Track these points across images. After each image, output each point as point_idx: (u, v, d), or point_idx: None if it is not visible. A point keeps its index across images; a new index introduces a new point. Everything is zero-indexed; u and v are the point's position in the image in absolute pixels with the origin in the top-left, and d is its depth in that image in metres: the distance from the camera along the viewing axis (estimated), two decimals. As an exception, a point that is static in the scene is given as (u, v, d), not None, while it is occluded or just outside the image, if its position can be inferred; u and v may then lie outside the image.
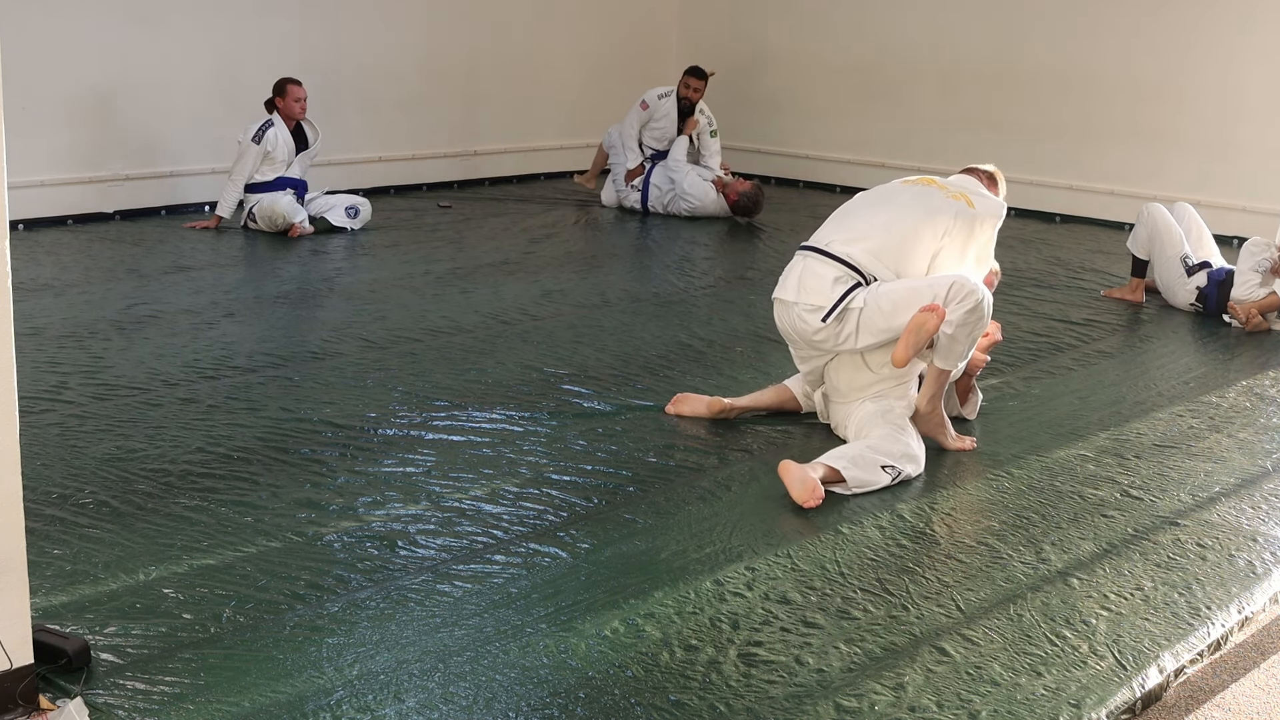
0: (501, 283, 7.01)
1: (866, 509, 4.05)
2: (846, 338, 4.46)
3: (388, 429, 4.63)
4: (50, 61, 7.98)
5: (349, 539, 3.70)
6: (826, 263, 4.51)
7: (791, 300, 4.56)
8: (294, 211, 8.09)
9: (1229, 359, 5.97)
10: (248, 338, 5.80)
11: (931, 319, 4.27)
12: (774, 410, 4.91)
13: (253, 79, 8.59)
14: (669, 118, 9.46)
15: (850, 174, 10.63)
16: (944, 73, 10.07)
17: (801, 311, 4.52)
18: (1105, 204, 9.27)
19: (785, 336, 4.71)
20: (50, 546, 3.57)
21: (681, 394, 4.96)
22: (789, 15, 10.86)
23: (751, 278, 7.42)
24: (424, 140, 10.06)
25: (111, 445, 4.39)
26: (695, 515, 3.96)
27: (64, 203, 8.23)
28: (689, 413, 4.84)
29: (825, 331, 4.48)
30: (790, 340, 4.70)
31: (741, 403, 4.88)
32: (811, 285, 4.51)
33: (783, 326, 4.66)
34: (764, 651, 3.14)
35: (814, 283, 4.51)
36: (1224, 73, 8.79)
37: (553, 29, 10.70)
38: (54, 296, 6.44)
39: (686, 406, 4.87)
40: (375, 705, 2.86)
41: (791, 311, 4.57)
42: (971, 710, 2.91)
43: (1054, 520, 4.01)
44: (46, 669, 2.89)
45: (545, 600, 3.37)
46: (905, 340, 4.30)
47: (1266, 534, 3.96)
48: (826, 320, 4.45)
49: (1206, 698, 3.26)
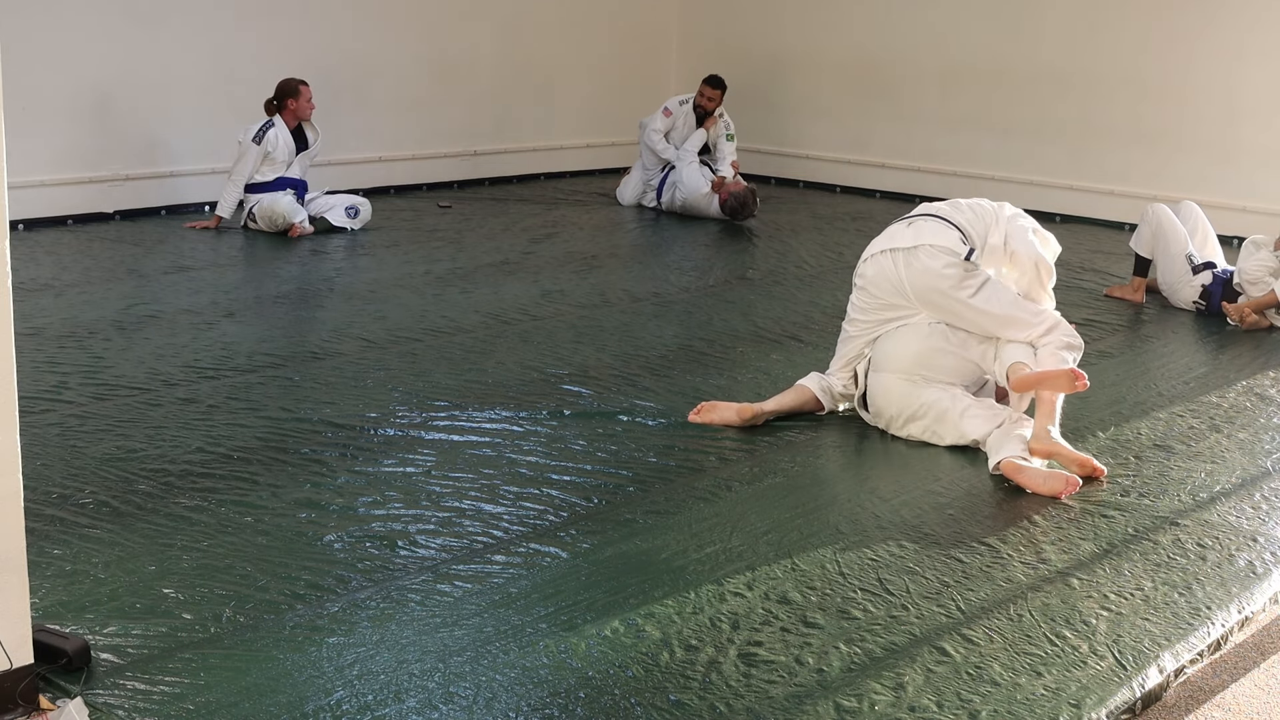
0: (501, 283, 7.01)
1: (866, 508, 4.05)
2: (969, 289, 4.57)
3: (388, 429, 4.63)
4: (50, 61, 7.99)
5: (349, 539, 3.70)
6: (945, 225, 4.70)
7: (909, 245, 4.66)
8: (294, 211, 8.09)
9: (1229, 359, 5.97)
10: (248, 338, 5.80)
11: (1077, 385, 4.36)
12: (796, 412, 4.90)
13: (253, 79, 8.59)
14: (688, 124, 9.53)
15: (850, 174, 10.64)
16: (944, 73, 10.07)
17: (925, 254, 4.62)
18: (1105, 204, 9.27)
19: (874, 293, 4.73)
20: (50, 546, 3.57)
21: (707, 402, 4.87)
22: (789, 15, 10.86)
23: (751, 278, 7.42)
24: (424, 140, 10.07)
25: (111, 445, 4.39)
26: (695, 515, 3.95)
27: (64, 203, 8.24)
28: (718, 421, 4.76)
29: (955, 271, 4.57)
30: (877, 297, 4.72)
31: (768, 406, 4.84)
32: (934, 231, 4.68)
33: (881, 280, 4.70)
34: (764, 651, 3.14)
35: (937, 231, 4.68)
36: (1225, 72, 8.79)
37: (553, 29, 10.71)
38: (54, 296, 6.44)
39: (715, 415, 4.78)
40: (375, 705, 2.86)
41: (910, 256, 4.64)
42: (971, 710, 2.91)
43: (1054, 520, 4.01)
44: (46, 669, 2.89)
45: (545, 600, 3.37)
46: (1044, 381, 4.39)
47: (1266, 534, 3.96)
48: (970, 257, 4.61)
49: (1206, 698, 3.26)
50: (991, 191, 9.74)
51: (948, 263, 4.60)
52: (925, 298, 4.65)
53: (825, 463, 4.50)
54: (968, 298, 4.60)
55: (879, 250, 4.77)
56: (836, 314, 6.43)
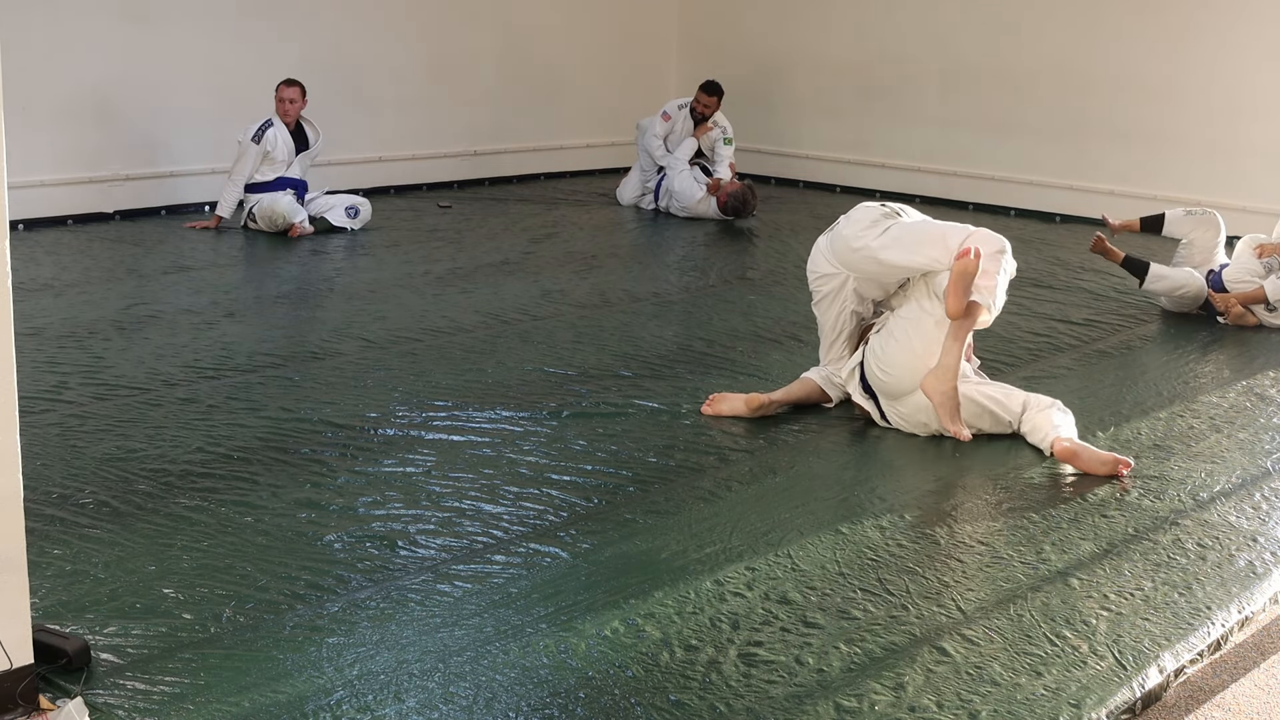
0: (501, 283, 7.01)
1: (866, 509, 4.05)
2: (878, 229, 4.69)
3: (388, 429, 4.63)
4: (50, 61, 7.99)
5: (349, 539, 3.70)
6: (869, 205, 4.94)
7: (838, 225, 4.86)
8: (294, 211, 8.09)
9: (1229, 359, 5.97)
10: (248, 338, 5.80)
11: (971, 263, 4.42)
12: (803, 402, 4.95)
13: (253, 79, 8.59)
14: (685, 128, 9.53)
15: (850, 174, 10.64)
16: (944, 73, 10.07)
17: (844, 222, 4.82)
18: (1105, 204, 9.24)
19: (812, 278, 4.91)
20: (50, 546, 3.57)
21: (717, 394, 4.95)
22: (789, 15, 10.86)
23: (751, 278, 7.42)
24: (424, 140, 10.07)
25: (111, 445, 4.39)
26: (695, 515, 3.95)
27: (64, 203, 8.24)
28: (728, 412, 4.83)
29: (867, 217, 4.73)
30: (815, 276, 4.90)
31: (777, 396, 4.91)
32: (859, 208, 4.90)
33: (816, 257, 4.91)
34: (764, 651, 3.14)
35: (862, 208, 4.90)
36: (1225, 73, 8.78)
37: (553, 30, 10.71)
38: (54, 296, 6.44)
39: (725, 406, 4.86)
40: (375, 705, 2.86)
41: (835, 230, 4.85)
42: (971, 710, 2.91)
43: (1054, 520, 4.01)
44: (46, 669, 2.89)
45: (545, 600, 3.37)
46: (954, 289, 4.44)
47: (1266, 534, 3.96)
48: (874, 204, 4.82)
49: (1206, 698, 3.26)
50: (992, 191, 9.82)
51: (863, 217, 4.78)
52: (844, 257, 4.79)
53: (825, 463, 4.50)
54: (876, 236, 4.70)
55: (817, 243, 4.99)
56: (836, 314, 6.45)
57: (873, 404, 4.78)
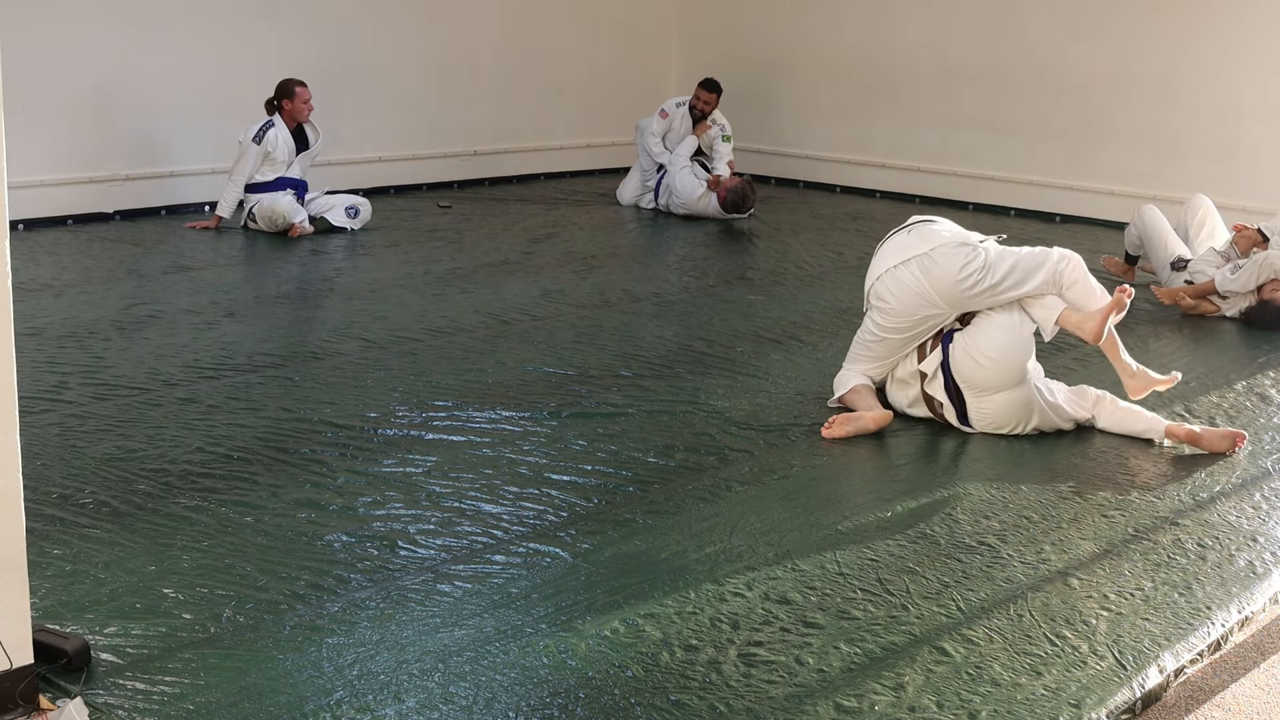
0: (501, 283, 7.01)
1: (866, 508, 4.05)
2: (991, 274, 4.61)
3: (388, 429, 4.63)
4: (50, 61, 7.99)
5: (349, 539, 3.70)
6: (940, 223, 4.86)
7: (922, 251, 4.69)
8: (294, 211, 8.09)
9: (1229, 359, 5.97)
10: (248, 338, 5.80)
11: (1123, 298, 4.56)
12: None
13: (253, 79, 8.59)
14: (684, 126, 9.52)
15: (850, 174, 10.64)
16: (944, 73, 10.07)
17: (941, 255, 4.66)
18: (1105, 204, 9.27)
19: (897, 309, 4.74)
20: (50, 546, 3.57)
21: (839, 415, 4.75)
22: (789, 15, 10.86)
23: (751, 278, 7.42)
24: (424, 140, 10.07)
25: (111, 445, 4.39)
26: (695, 515, 3.95)
27: (64, 203, 8.24)
28: (855, 432, 4.68)
29: (973, 266, 4.61)
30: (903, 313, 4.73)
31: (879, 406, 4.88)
32: (938, 232, 4.77)
33: (902, 292, 4.71)
34: (764, 651, 3.14)
35: (940, 231, 4.78)
36: (1224, 73, 8.78)
37: (553, 30, 10.71)
38: (54, 296, 6.44)
39: (852, 426, 4.69)
40: (375, 705, 2.86)
41: (928, 261, 4.67)
42: (971, 710, 2.91)
43: (1054, 520, 4.01)
44: (46, 669, 2.89)
45: (545, 600, 3.37)
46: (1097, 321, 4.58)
47: (1266, 534, 3.96)
48: (984, 241, 4.71)
49: (1206, 698, 3.26)
50: (992, 191, 9.82)
51: (965, 257, 4.64)
52: (954, 299, 4.67)
53: (825, 463, 4.50)
54: (991, 276, 4.63)
55: (892, 265, 4.75)
56: (836, 314, 6.46)
57: (953, 406, 4.76)
